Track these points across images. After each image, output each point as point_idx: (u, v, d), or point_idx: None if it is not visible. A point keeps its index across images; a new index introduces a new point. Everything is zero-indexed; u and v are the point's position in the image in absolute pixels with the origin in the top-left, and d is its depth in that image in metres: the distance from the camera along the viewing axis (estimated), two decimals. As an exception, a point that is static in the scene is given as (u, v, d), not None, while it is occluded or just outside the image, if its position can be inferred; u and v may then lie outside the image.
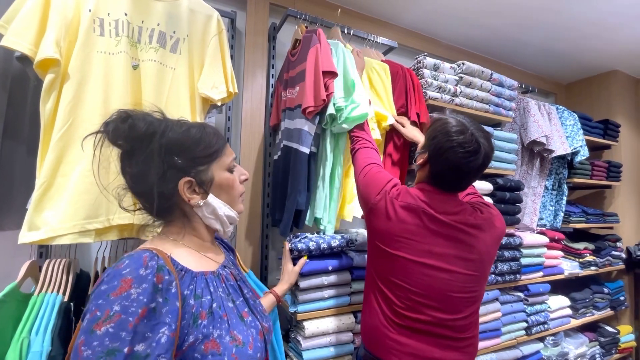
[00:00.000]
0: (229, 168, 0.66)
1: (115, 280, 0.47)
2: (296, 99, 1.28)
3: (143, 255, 0.51)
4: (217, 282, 0.61)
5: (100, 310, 0.45)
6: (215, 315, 0.55)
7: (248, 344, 0.57)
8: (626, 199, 2.45)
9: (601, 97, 2.54)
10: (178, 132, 0.60)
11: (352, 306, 1.24)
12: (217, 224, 0.65)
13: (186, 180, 0.59)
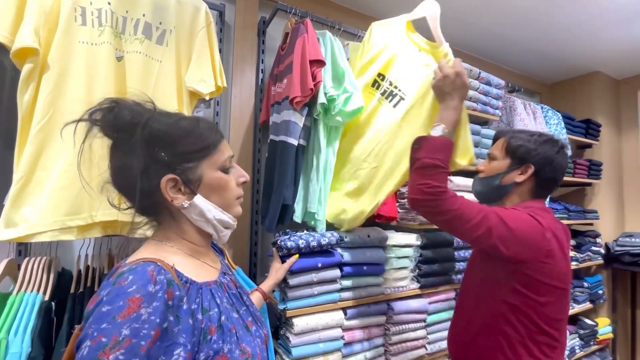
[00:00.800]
0: (222, 167, 0.59)
1: (120, 300, 0.42)
2: (284, 92, 1.27)
3: (148, 269, 0.46)
4: (221, 292, 0.57)
5: (106, 336, 0.40)
6: (224, 329, 0.52)
7: (256, 356, 0.55)
8: (605, 197, 2.53)
9: (583, 97, 2.61)
10: (164, 123, 0.55)
11: (342, 302, 1.24)
12: (209, 228, 0.59)
13: (170, 178, 0.54)
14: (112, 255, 1.10)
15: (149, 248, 0.55)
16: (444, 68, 0.93)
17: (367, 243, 1.32)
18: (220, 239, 0.62)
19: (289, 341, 1.14)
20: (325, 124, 1.28)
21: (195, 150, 0.56)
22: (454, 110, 0.91)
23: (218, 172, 0.58)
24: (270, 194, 1.27)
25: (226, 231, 0.62)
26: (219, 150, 0.59)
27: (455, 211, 0.80)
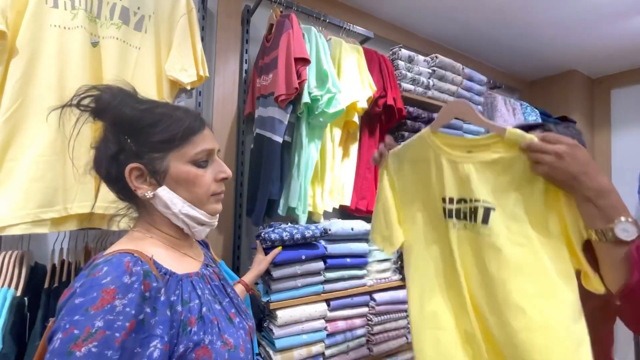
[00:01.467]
0: (193, 160, 0.56)
1: (93, 292, 0.42)
2: (269, 86, 1.25)
3: (124, 260, 0.45)
4: (203, 283, 0.56)
5: (78, 328, 0.39)
6: (205, 320, 0.51)
7: (239, 347, 0.54)
8: (578, 191, 2.65)
9: (560, 95, 2.70)
10: (134, 108, 0.53)
11: (325, 294, 1.25)
12: (179, 222, 0.56)
13: (134, 167, 0.52)
14: (88, 248, 1.06)
15: (129, 239, 0.55)
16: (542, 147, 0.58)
17: (350, 236, 1.33)
18: (194, 235, 0.60)
19: (273, 333, 1.14)
20: (309, 122, 1.28)
21: (161, 140, 0.54)
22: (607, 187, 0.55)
23: (187, 166, 0.55)
24: (257, 188, 1.27)
25: (200, 227, 0.59)
26: (192, 142, 0.56)
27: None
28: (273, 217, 1.30)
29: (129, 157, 0.53)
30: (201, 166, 0.57)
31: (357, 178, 1.46)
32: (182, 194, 0.56)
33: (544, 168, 0.57)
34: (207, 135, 0.58)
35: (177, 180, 0.55)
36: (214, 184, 0.59)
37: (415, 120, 1.60)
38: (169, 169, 0.54)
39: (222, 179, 0.60)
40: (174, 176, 0.55)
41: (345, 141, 1.44)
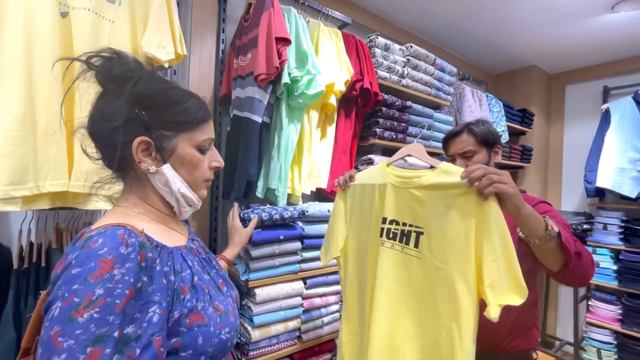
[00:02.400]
0: (198, 146, 0.59)
1: (91, 262, 0.43)
2: (248, 67, 1.24)
3: (118, 232, 0.47)
4: (191, 255, 0.59)
5: (78, 296, 0.40)
6: (197, 289, 0.54)
7: (229, 312, 0.57)
8: (534, 178, 2.88)
9: (522, 89, 2.88)
10: (156, 87, 0.55)
11: (302, 273, 1.30)
12: (172, 199, 0.59)
13: (143, 140, 0.54)
14: (59, 229, 1.03)
15: (115, 214, 0.55)
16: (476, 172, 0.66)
17: (327, 217, 1.37)
18: (181, 214, 0.63)
19: (251, 310, 1.18)
20: (288, 104, 1.29)
21: (176, 120, 0.56)
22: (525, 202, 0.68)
23: (193, 149, 0.59)
24: (234, 169, 1.27)
25: (188, 208, 0.62)
26: (201, 129, 0.59)
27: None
28: (251, 199, 1.32)
29: (138, 129, 0.53)
30: (202, 152, 0.60)
31: (334, 161, 1.50)
32: (182, 175, 0.58)
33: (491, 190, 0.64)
34: (210, 126, 0.62)
35: (182, 161, 0.58)
36: (208, 171, 0.62)
37: (389, 108, 1.66)
38: (176, 148, 0.57)
39: (215, 167, 0.64)
40: (180, 157, 0.57)
41: (322, 123, 1.47)
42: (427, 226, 0.74)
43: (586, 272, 0.78)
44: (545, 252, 0.73)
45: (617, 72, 2.64)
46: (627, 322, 2.24)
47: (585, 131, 2.72)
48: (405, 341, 0.75)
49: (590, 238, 2.46)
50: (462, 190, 0.67)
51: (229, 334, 0.55)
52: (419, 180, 0.76)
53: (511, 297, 0.61)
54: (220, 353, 0.54)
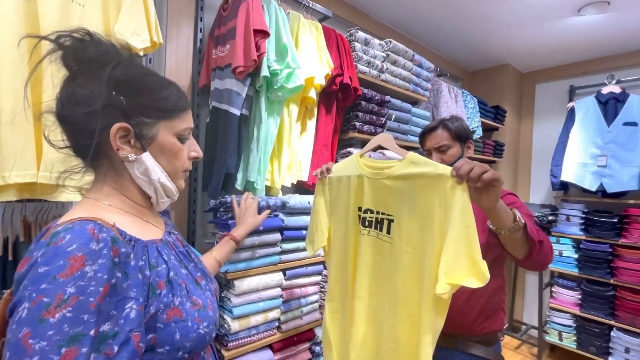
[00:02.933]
0: (179, 135, 0.58)
1: (59, 260, 0.40)
2: (226, 58, 1.23)
3: (88, 227, 0.44)
4: (167, 249, 0.57)
5: (47, 296, 0.39)
6: (174, 284, 0.53)
7: (207, 306, 0.56)
8: (505, 173, 3.02)
9: (495, 86, 2.99)
10: (135, 72, 0.53)
11: (282, 264, 1.32)
12: (150, 190, 0.57)
13: (123, 127, 0.51)
14: (27, 222, 0.99)
15: (84, 207, 0.52)
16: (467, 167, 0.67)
17: (307, 209, 1.40)
18: (158, 205, 0.61)
19: (230, 302, 1.19)
20: (268, 97, 1.29)
21: (157, 107, 0.54)
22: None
23: (174, 138, 0.57)
24: (213, 161, 1.26)
25: (166, 199, 0.61)
26: (181, 117, 0.58)
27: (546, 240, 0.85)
28: (230, 191, 1.31)
29: (116, 115, 0.51)
30: (182, 142, 0.59)
31: (314, 154, 1.52)
32: (162, 164, 0.57)
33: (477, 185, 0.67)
34: (189, 115, 0.60)
35: (162, 149, 0.56)
36: (187, 161, 0.61)
37: (369, 102, 1.69)
38: (156, 136, 0.55)
39: (193, 157, 0.62)
40: (161, 145, 0.56)
41: (303, 117, 1.47)
42: (398, 214, 0.79)
43: (547, 258, 0.85)
44: (512, 241, 0.78)
45: (582, 72, 2.79)
46: (585, 306, 2.41)
47: (553, 128, 2.87)
48: (382, 316, 0.82)
49: (554, 229, 2.61)
50: (429, 180, 0.71)
51: (207, 327, 0.54)
52: (389, 171, 0.81)
53: (469, 280, 0.64)
54: (198, 347, 0.53)
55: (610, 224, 2.33)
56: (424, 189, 0.72)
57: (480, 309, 1.03)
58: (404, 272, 0.77)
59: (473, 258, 0.64)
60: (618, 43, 2.41)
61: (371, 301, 0.85)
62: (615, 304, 2.29)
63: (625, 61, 2.56)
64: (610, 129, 2.36)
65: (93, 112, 0.49)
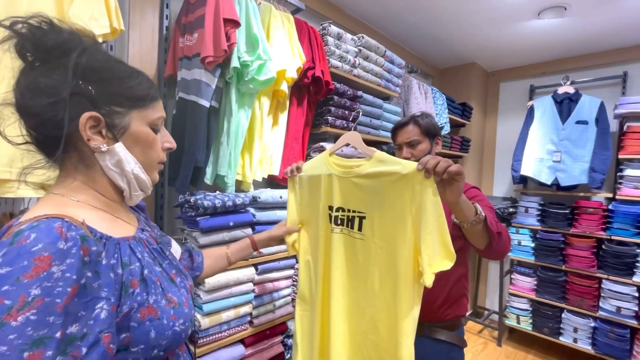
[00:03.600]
0: (152, 124, 0.55)
1: (23, 260, 0.38)
2: (194, 47, 1.19)
3: (55, 226, 0.42)
4: (141, 247, 0.55)
5: (9, 298, 0.37)
6: (148, 282, 0.51)
7: (183, 303, 0.56)
8: (471, 167, 3.16)
9: (463, 84, 3.11)
10: (102, 59, 0.51)
11: (253, 259, 1.31)
12: (123, 182, 0.54)
13: (93, 116, 0.49)
14: (-28, 220, 0.91)
15: (49, 203, 0.49)
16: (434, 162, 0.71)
17: (279, 203, 1.39)
18: (131, 199, 0.58)
19: (200, 298, 1.17)
20: (238, 89, 1.26)
21: (129, 95, 0.52)
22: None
23: (147, 127, 0.55)
24: (181, 155, 1.21)
25: (140, 193, 0.58)
26: (154, 106, 0.56)
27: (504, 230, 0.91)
28: (198, 186, 1.28)
29: (84, 105, 0.48)
30: (155, 132, 0.57)
31: (286, 148, 1.51)
32: (136, 155, 0.54)
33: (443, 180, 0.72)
34: (161, 105, 0.58)
35: (136, 139, 0.54)
36: (161, 152, 0.59)
37: (341, 97, 1.70)
38: (129, 126, 0.53)
39: (167, 148, 0.60)
40: (134, 135, 0.53)
41: (274, 110, 1.46)
42: (369, 210, 0.81)
43: (505, 248, 0.92)
44: (473, 233, 0.84)
45: (541, 73, 2.96)
46: (540, 291, 2.61)
47: (515, 125, 3.03)
48: (359, 311, 0.83)
49: (514, 220, 2.78)
50: (397, 177, 0.75)
51: (183, 325, 0.53)
52: (358, 170, 0.83)
53: (443, 263, 0.69)
54: (174, 345, 0.53)
55: (563, 215, 2.52)
56: (393, 186, 0.75)
57: (445, 297, 1.08)
58: (378, 266, 0.79)
59: (445, 243, 0.70)
60: (573, 46, 2.58)
61: (346, 298, 0.86)
62: (566, 289, 2.49)
63: (579, 63, 2.75)
64: (564, 127, 2.53)
65: (59, 101, 0.46)
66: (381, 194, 0.78)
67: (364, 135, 1.86)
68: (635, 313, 2.19)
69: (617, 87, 2.60)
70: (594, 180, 2.38)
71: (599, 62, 2.66)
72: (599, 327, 2.32)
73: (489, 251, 0.89)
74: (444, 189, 0.72)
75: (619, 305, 2.23)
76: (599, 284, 2.35)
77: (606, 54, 2.62)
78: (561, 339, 2.48)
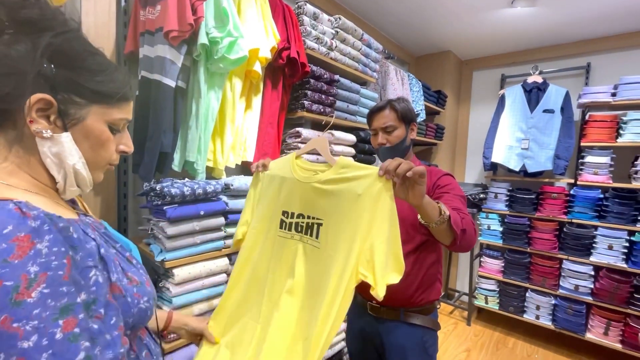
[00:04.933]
0: (112, 124, 0.52)
1: (1, 243, 0.37)
2: (157, 21, 1.08)
3: (9, 207, 0.40)
4: (89, 229, 0.51)
5: (9, 279, 0.36)
6: (107, 260, 0.49)
7: (144, 282, 0.55)
8: (444, 154, 3.23)
9: (438, 72, 3.13)
10: (79, 46, 0.48)
11: (226, 249, 1.25)
12: (59, 174, 0.50)
13: (44, 98, 0.45)
14: None
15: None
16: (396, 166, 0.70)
17: (252, 191, 1.34)
18: (65, 193, 0.53)
19: (169, 291, 1.10)
20: (207, 68, 1.17)
21: (94, 89, 0.49)
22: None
23: (104, 125, 0.52)
24: (144, 139, 1.12)
25: (76, 189, 0.53)
26: (120, 107, 0.53)
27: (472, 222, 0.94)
28: (165, 173, 1.19)
29: (39, 84, 0.45)
30: (113, 132, 0.54)
31: (260, 133, 1.44)
32: (83, 150, 0.51)
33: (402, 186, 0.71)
34: (131, 106, 0.56)
35: (87, 134, 0.50)
36: (114, 154, 0.56)
37: (318, 80, 1.64)
38: (84, 119, 0.50)
39: (121, 151, 0.57)
40: (87, 129, 0.50)
41: (247, 93, 1.38)
42: (326, 217, 0.78)
43: (469, 243, 0.93)
44: (439, 232, 0.86)
45: (512, 62, 3.04)
46: (507, 273, 2.74)
47: (487, 113, 3.11)
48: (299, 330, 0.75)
49: (484, 205, 2.89)
50: (357, 183, 0.73)
51: (147, 302, 0.53)
52: (321, 176, 0.81)
53: (393, 276, 0.67)
54: (140, 323, 0.53)
55: (529, 200, 2.63)
56: (352, 192, 0.74)
57: (419, 283, 1.09)
58: (327, 278, 0.73)
59: (397, 254, 0.69)
60: (542, 36, 2.66)
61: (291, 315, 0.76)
62: (530, 269, 2.64)
63: (547, 54, 2.84)
64: (532, 115, 2.62)
65: (16, 73, 0.44)
66: (340, 201, 0.75)
67: (341, 120, 1.83)
68: (590, 290, 2.36)
69: (581, 78, 2.72)
70: (558, 167, 2.49)
71: (565, 52, 2.76)
72: (558, 304, 2.48)
73: (454, 247, 0.91)
74: (407, 191, 0.72)
75: (576, 284, 2.39)
76: (559, 264, 2.51)
77: (572, 45, 2.72)
78: (525, 317, 2.64)
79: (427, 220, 0.83)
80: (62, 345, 0.37)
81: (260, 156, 1.47)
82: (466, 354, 2.44)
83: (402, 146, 1.13)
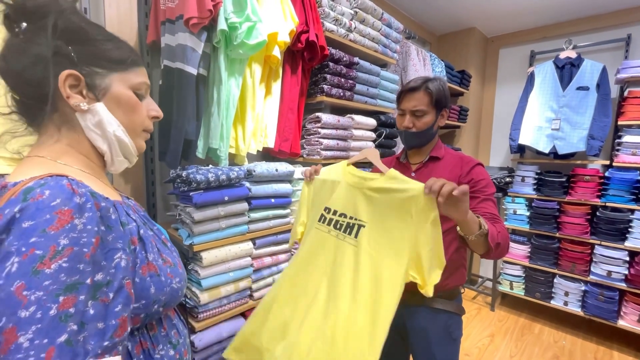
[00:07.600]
0: (135, 88, 0.55)
1: (45, 214, 0.39)
2: (177, 8, 1.09)
3: (64, 183, 0.43)
4: (131, 211, 0.56)
5: (40, 248, 0.38)
6: (145, 240, 0.53)
7: (177, 264, 0.58)
8: (468, 137, 3.12)
9: (462, 51, 3.00)
10: (80, 20, 0.50)
11: (250, 234, 1.28)
12: (104, 145, 0.53)
13: (72, 74, 0.48)
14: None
15: (39, 165, 0.47)
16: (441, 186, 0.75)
17: (275, 177, 1.35)
18: (114, 164, 0.56)
19: (198, 274, 1.15)
20: (227, 54, 1.17)
21: (108, 57, 0.52)
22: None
23: (129, 91, 0.54)
24: (169, 128, 1.15)
25: (123, 159, 0.57)
26: (135, 71, 0.55)
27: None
28: (190, 160, 1.22)
29: (61, 62, 0.48)
30: (140, 98, 0.56)
31: (281, 119, 1.44)
32: (119, 117, 0.53)
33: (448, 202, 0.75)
34: (145, 71, 0.58)
35: (118, 101, 0.53)
36: (147, 119, 0.58)
37: (337, 63, 1.61)
38: (110, 87, 0.52)
39: (153, 117, 0.59)
40: (116, 96, 0.53)
41: (267, 78, 1.38)
42: (370, 221, 0.86)
43: (501, 254, 0.95)
44: (474, 243, 0.88)
45: (542, 37, 2.86)
46: (533, 258, 2.66)
47: (514, 92, 2.97)
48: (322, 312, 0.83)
49: (510, 189, 2.79)
50: (405, 196, 0.81)
51: (179, 283, 0.56)
52: (371, 183, 0.88)
53: (438, 273, 0.79)
54: (172, 302, 0.55)
55: (559, 183, 2.52)
56: (400, 203, 0.81)
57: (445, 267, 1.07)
58: (364, 274, 0.82)
59: (440, 256, 0.79)
60: (577, 6, 2.47)
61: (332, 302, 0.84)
62: (559, 255, 2.55)
63: (581, 26, 2.65)
64: (565, 93, 2.47)
65: (39, 59, 0.47)
66: (387, 208, 0.83)
67: (361, 104, 1.79)
68: (625, 276, 2.25)
69: (620, 51, 2.52)
70: (592, 148, 2.36)
71: (602, 24, 2.56)
72: (589, 290, 2.40)
73: (487, 257, 0.93)
74: (451, 208, 0.76)
75: (609, 269, 2.29)
76: (591, 249, 2.40)
77: (610, 15, 2.52)
78: (552, 303, 2.57)
79: (466, 233, 0.85)
80: (51, 322, 0.37)
81: (281, 142, 1.47)
82: (490, 339, 2.41)
83: (428, 133, 1.08)
